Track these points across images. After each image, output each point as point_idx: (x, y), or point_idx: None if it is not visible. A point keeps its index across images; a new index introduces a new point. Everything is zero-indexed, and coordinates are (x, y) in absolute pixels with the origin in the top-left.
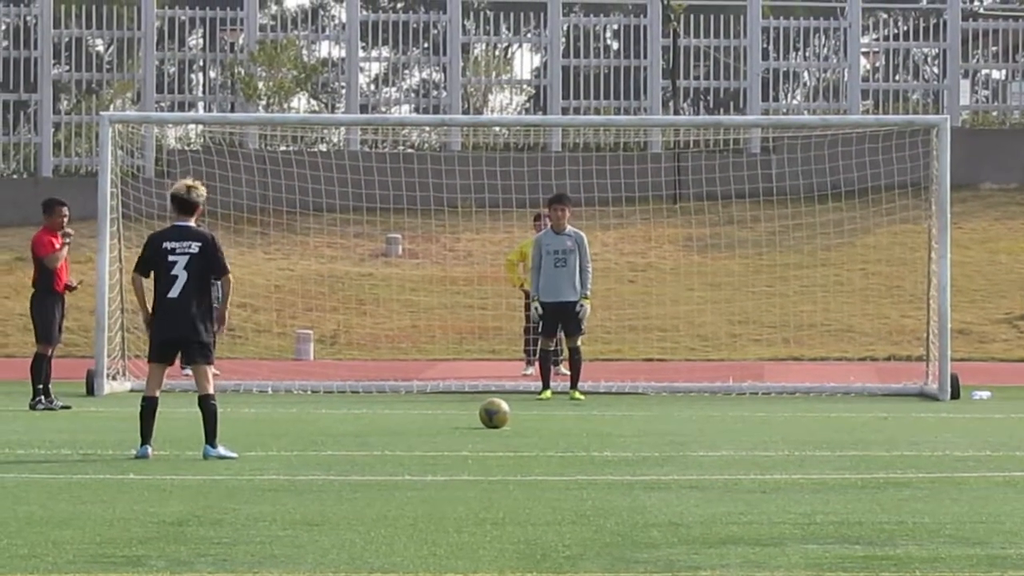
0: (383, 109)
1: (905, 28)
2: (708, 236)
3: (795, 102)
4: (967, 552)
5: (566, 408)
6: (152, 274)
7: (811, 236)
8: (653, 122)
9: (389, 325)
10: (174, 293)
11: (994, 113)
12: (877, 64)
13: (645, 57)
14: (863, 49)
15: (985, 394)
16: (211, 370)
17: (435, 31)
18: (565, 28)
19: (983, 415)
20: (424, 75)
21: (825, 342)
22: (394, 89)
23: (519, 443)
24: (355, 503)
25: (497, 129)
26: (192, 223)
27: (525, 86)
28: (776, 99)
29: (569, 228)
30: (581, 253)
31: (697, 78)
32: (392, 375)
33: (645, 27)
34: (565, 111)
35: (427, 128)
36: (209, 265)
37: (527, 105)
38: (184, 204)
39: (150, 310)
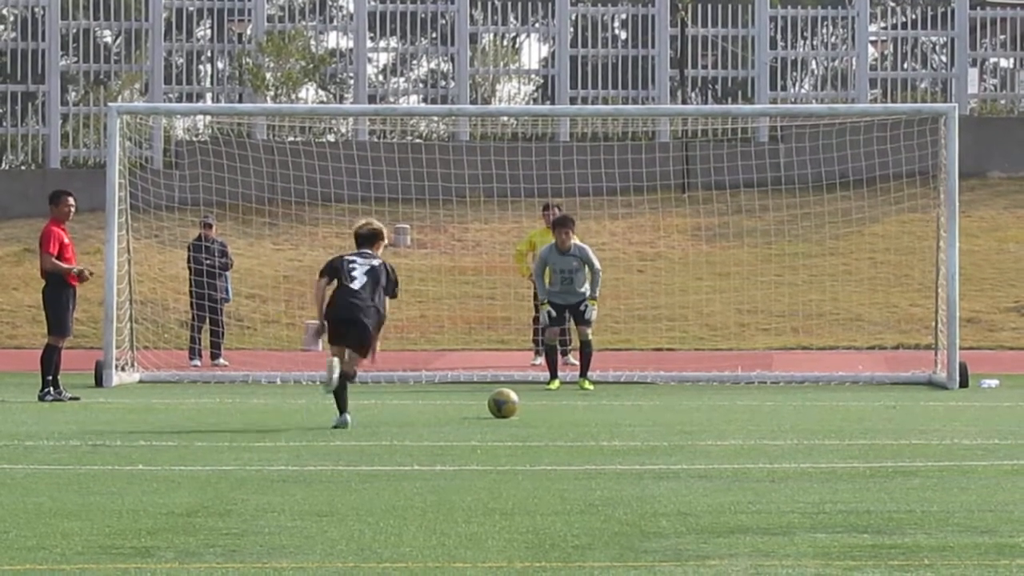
0: (391, 99)
1: (913, 16)
2: (716, 225)
3: (803, 91)
4: (976, 541)
5: (575, 398)
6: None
7: (819, 225)
8: (661, 111)
9: (398, 315)
10: (355, 285)
11: (1002, 101)
12: (885, 52)
13: (653, 46)
14: (871, 38)
15: (994, 383)
16: (362, 362)
17: (443, 21)
18: (573, 18)
19: (992, 404)
20: (432, 65)
21: (834, 331)
22: (402, 79)
23: (528, 433)
24: (364, 493)
25: (505, 119)
26: (372, 251)
27: (533, 76)
28: (784, 88)
29: (573, 246)
30: (589, 265)
31: (705, 67)
32: (401, 365)
33: (653, 16)
34: (573, 101)
35: (435, 118)
36: (385, 280)
37: (535, 95)
38: (359, 237)
39: (327, 303)
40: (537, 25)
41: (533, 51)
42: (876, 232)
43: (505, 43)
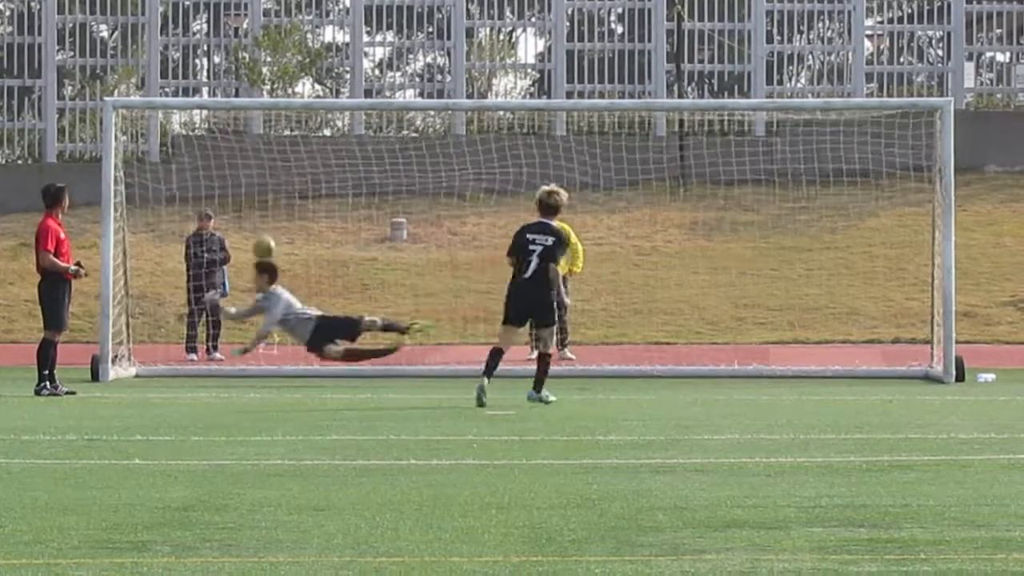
0: (387, 94)
1: (909, 11)
2: (713, 220)
3: (799, 85)
4: (972, 535)
5: (571, 392)
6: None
7: (816, 219)
8: (657, 105)
9: (394, 310)
10: (527, 275)
11: (998, 95)
12: (881, 47)
13: (649, 40)
14: (867, 32)
15: (990, 376)
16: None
17: (439, 15)
18: (569, 12)
19: (988, 397)
20: (428, 59)
21: (830, 325)
22: (398, 73)
23: (524, 427)
24: (360, 488)
25: (501, 113)
26: (552, 221)
27: (529, 70)
28: (780, 82)
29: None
30: None
31: (701, 61)
32: (397, 360)
33: (649, 10)
34: (569, 95)
35: (432, 112)
36: (556, 255)
37: (531, 89)
38: (542, 206)
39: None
40: (533, 19)
41: (529, 45)
42: (872, 226)
43: (501, 37)
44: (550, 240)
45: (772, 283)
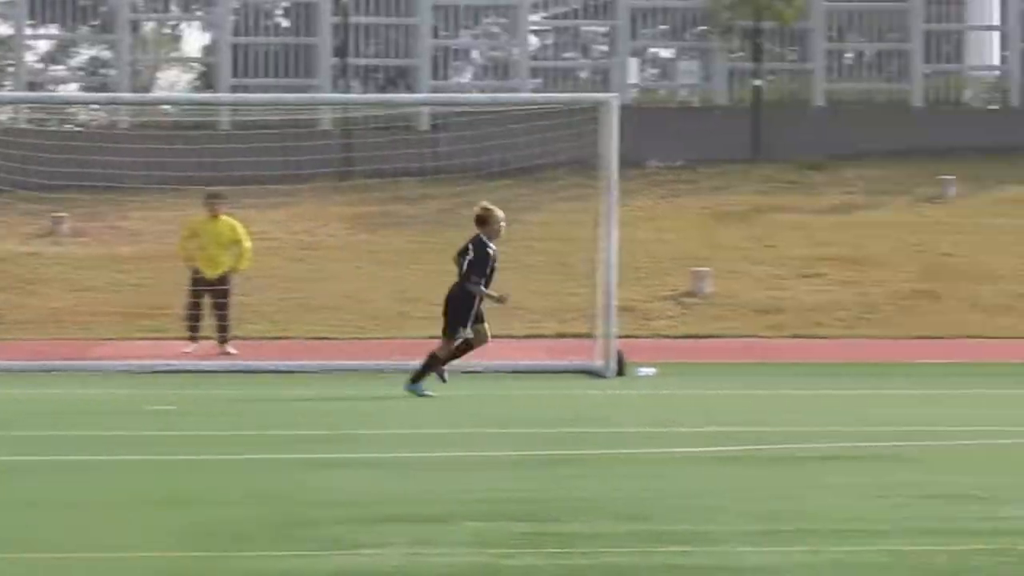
0: (51, 87)
1: (575, 6)
2: (376, 214)
3: (465, 80)
4: (632, 528)
5: (232, 387)
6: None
7: None
8: (322, 100)
9: (55, 304)
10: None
11: (662, 92)
12: (547, 42)
13: (315, 35)
14: (533, 27)
15: (650, 371)
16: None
17: (104, 8)
18: (235, 5)
19: (649, 392)
20: (93, 53)
21: (493, 319)
22: (62, 67)
23: (183, 422)
24: (9, 484)
25: (167, 107)
26: (481, 231)
27: (194, 64)
28: (446, 77)
29: None
30: None
31: (367, 56)
32: (58, 355)
33: (315, 4)
34: (235, 89)
35: (95, 106)
36: (469, 264)
37: (196, 83)
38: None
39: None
40: (199, 13)
41: (194, 39)
42: (536, 221)
43: (166, 31)
44: (470, 252)
45: (435, 277)
